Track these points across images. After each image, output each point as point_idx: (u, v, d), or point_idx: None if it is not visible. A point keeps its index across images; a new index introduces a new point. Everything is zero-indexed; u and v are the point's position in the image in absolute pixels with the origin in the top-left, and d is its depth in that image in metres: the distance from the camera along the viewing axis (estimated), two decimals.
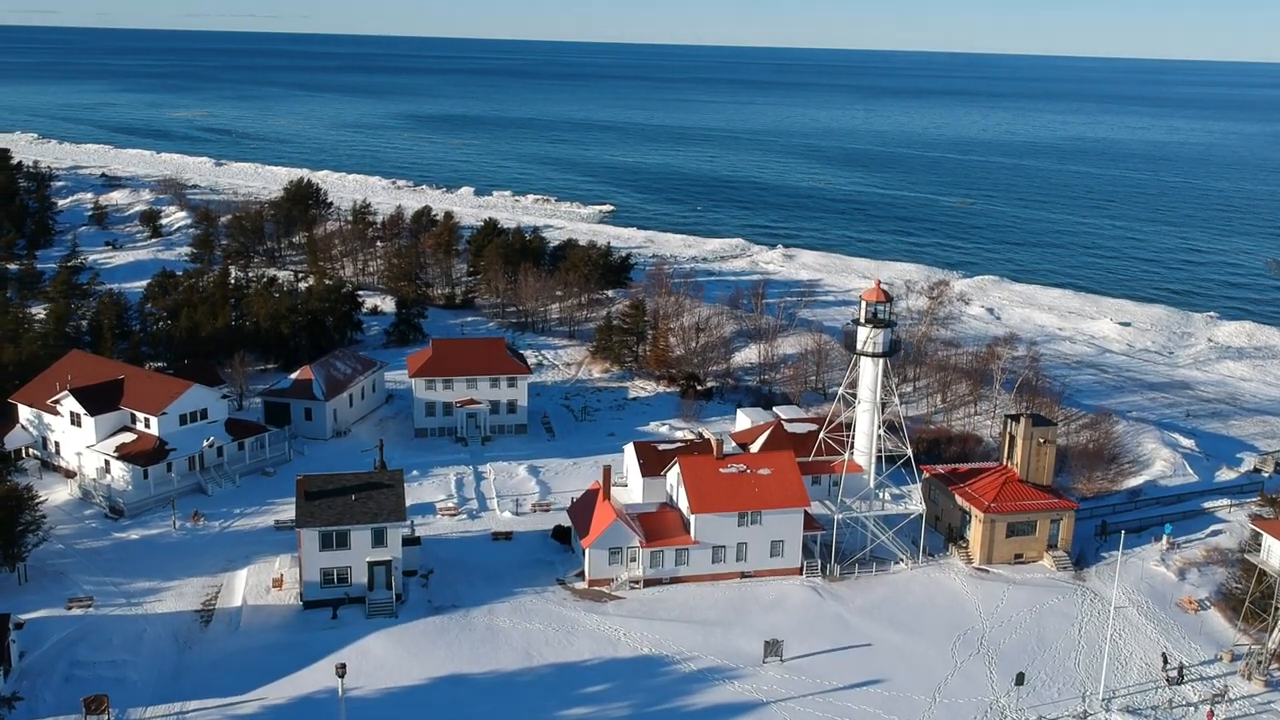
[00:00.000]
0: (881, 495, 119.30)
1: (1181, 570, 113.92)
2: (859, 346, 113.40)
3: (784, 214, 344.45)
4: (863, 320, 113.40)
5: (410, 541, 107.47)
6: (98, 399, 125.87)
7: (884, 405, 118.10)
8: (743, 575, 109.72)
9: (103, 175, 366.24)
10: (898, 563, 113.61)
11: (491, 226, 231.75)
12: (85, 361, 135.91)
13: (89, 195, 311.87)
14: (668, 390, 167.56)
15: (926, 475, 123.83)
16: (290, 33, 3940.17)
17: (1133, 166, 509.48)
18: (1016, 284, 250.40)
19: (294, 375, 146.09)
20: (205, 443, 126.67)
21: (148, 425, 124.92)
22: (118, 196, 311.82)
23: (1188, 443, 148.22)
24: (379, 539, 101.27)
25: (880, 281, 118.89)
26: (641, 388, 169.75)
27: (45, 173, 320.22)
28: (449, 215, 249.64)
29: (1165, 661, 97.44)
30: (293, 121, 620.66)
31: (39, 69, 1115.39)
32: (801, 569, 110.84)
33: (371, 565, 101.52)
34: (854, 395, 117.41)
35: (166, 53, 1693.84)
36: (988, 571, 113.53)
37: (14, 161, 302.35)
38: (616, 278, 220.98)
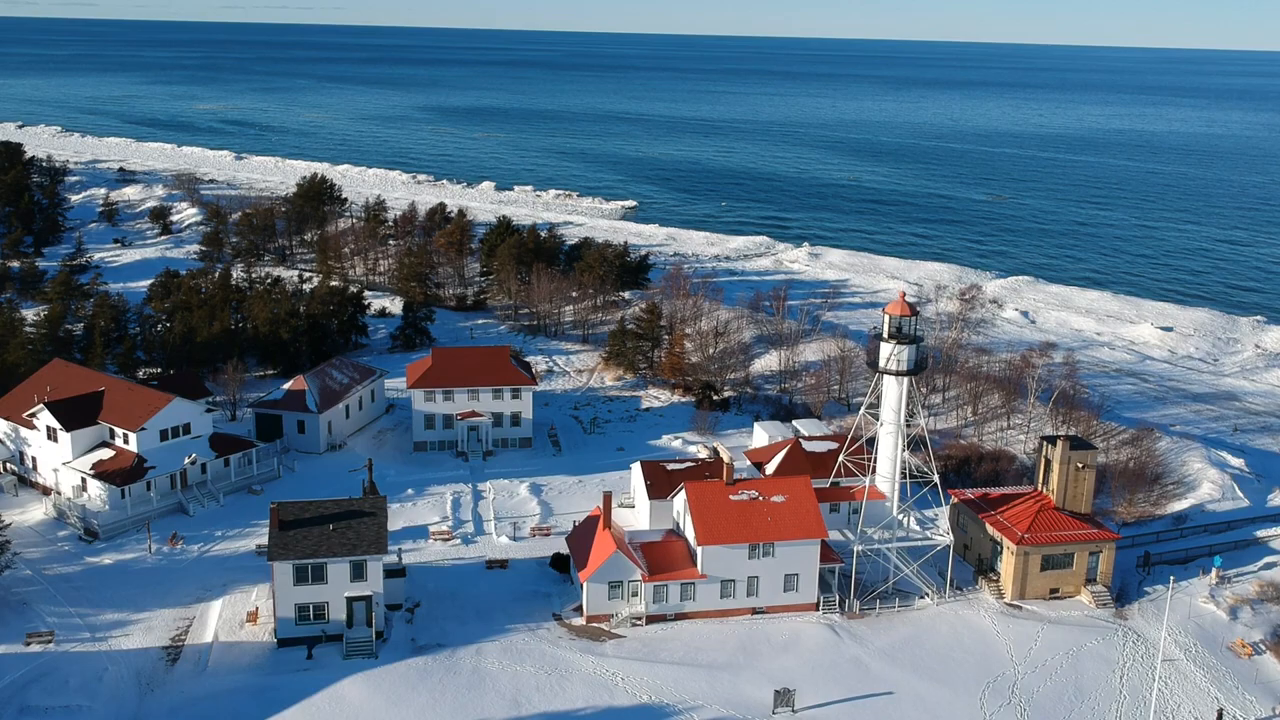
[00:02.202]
0: (905, 523, 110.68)
1: (1233, 608, 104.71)
2: (882, 364, 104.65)
3: (812, 210, 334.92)
4: (886, 335, 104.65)
5: (394, 573, 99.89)
6: (75, 413, 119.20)
7: (909, 426, 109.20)
8: (754, 611, 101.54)
9: (120, 169, 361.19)
10: (922, 598, 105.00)
11: (505, 225, 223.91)
12: (67, 372, 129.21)
13: (103, 190, 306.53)
14: (682, 400, 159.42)
15: (955, 500, 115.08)
16: (324, 24, 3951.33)
17: (1172, 160, 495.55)
18: (1052, 285, 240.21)
19: (287, 385, 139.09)
20: (187, 460, 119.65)
21: (126, 441, 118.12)
22: (130, 192, 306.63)
23: (1236, 462, 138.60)
24: (358, 573, 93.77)
25: (905, 294, 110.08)
26: (655, 397, 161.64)
27: (59, 167, 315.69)
28: (461, 213, 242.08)
29: (1220, 719, 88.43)
30: (318, 114, 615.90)
31: (73, 61, 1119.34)
32: (818, 604, 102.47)
33: (350, 601, 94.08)
34: (876, 415, 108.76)
35: (200, 45, 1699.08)
36: (1020, 608, 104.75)
37: (27, 157, 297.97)
38: (634, 278, 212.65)
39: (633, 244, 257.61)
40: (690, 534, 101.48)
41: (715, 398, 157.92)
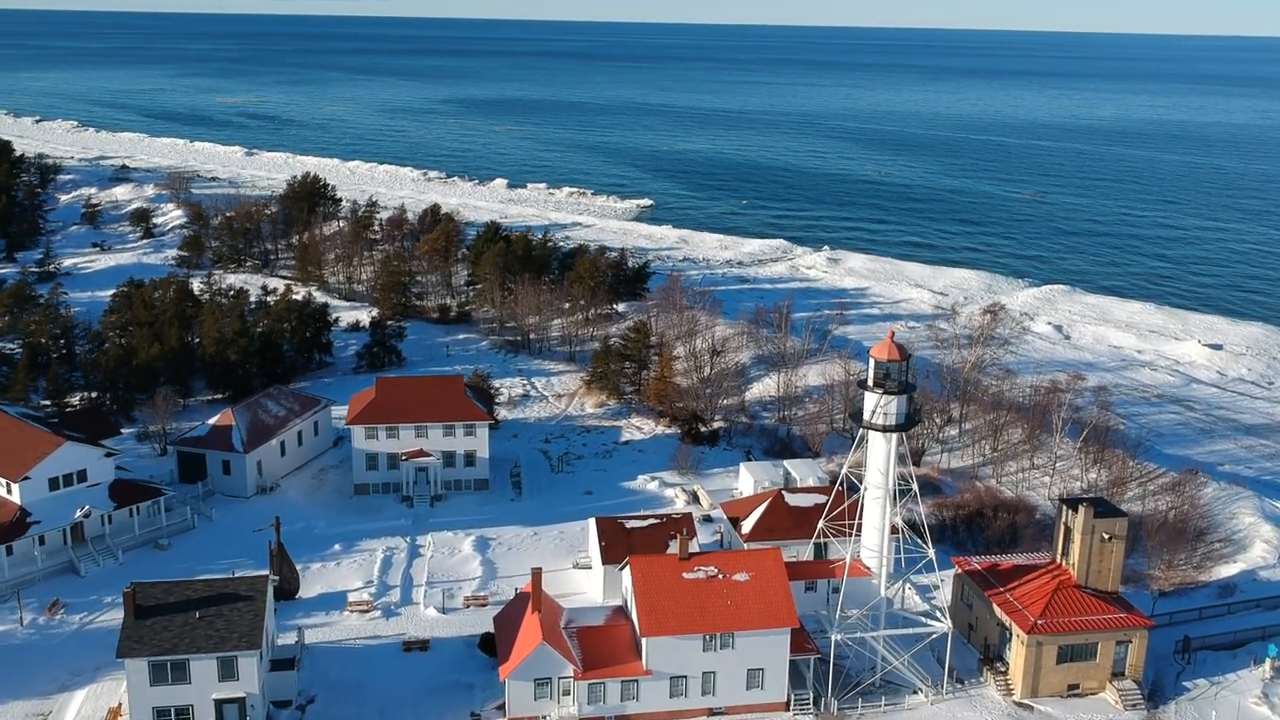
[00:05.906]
0: (900, 597, 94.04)
1: None
2: (866, 416, 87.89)
3: (835, 208, 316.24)
4: (871, 383, 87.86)
5: (282, 664, 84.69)
6: None
7: (902, 491, 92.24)
8: (710, 713, 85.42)
9: (123, 166, 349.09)
10: (914, 693, 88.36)
11: (493, 230, 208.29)
12: None
13: (93, 190, 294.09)
14: (667, 431, 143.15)
15: (959, 570, 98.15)
16: (369, 16, 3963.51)
17: (1223, 155, 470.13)
18: (1090, 295, 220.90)
19: (213, 420, 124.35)
20: (79, 513, 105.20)
21: (10, 491, 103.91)
22: (119, 192, 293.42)
23: None
24: (228, 671, 78.57)
25: (894, 332, 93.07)
26: (637, 427, 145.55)
27: (50, 165, 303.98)
28: (450, 217, 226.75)
29: None
30: (341, 107, 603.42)
31: (108, 54, 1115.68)
32: (788, 704, 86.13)
33: (219, 704, 78.94)
34: (859, 476, 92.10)
35: (239, 37, 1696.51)
36: (1031, 709, 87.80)
37: (16, 155, 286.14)
38: (631, 289, 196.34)
39: (641, 248, 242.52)
40: (636, 619, 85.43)
41: (703, 430, 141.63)
